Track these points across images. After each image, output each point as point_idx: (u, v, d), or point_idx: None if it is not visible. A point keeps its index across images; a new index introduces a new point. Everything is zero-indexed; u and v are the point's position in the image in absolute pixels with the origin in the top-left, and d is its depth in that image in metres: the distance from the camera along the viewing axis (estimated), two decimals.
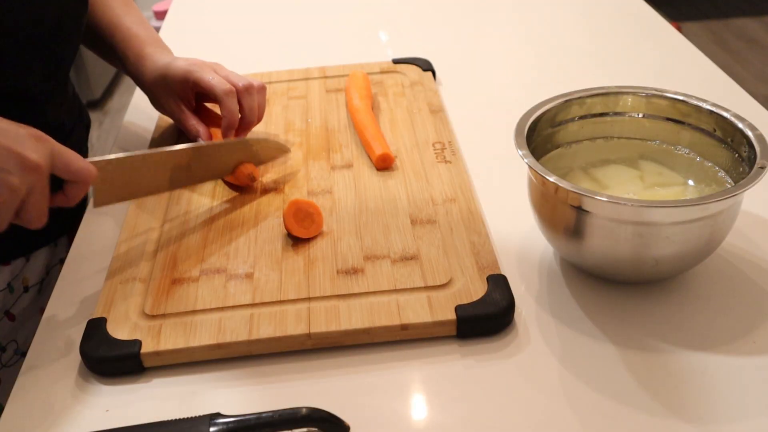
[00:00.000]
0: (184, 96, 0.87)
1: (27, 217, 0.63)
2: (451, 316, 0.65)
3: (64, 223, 0.92)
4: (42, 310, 0.87)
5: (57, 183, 0.66)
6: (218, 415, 0.57)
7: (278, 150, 0.88)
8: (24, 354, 0.86)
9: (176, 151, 0.78)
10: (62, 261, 0.92)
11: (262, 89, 0.86)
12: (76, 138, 0.95)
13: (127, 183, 0.75)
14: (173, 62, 0.87)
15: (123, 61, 0.92)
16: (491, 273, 0.69)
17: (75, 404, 0.63)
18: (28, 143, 0.61)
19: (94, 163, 0.70)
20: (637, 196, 0.72)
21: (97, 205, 0.74)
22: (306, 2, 1.43)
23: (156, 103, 0.91)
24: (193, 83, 0.85)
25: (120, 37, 0.92)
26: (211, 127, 0.88)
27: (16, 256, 0.86)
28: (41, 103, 0.85)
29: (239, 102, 0.84)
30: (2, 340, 0.86)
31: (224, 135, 0.84)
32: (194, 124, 0.87)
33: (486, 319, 0.65)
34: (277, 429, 0.57)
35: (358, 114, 0.94)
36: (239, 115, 0.84)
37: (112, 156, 0.72)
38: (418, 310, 0.66)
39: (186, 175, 0.81)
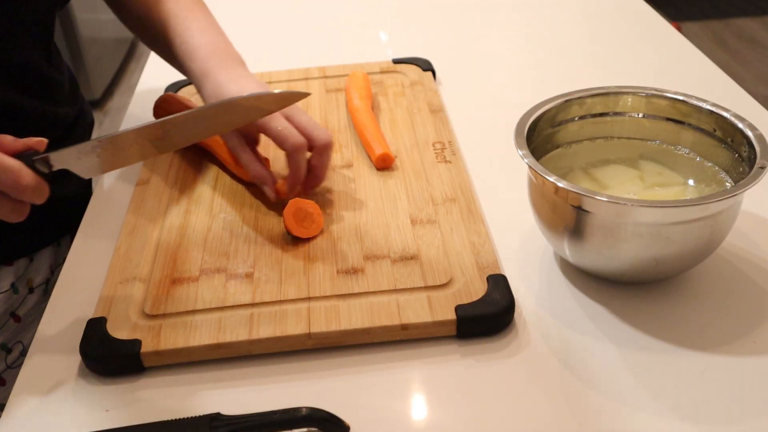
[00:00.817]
0: (247, 133, 0.79)
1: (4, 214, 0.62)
2: (451, 316, 0.65)
3: (66, 223, 0.92)
4: None
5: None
6: (218, 415, 0.58)
7: (292, 99, 0.72)
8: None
9: (146, 127, 0.68)
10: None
11: (330, 146, 0.78)
12: (78, 136, 0.94)
13: (106, 159, 0.68)
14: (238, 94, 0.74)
15: (187, 75, 0.85)
16: (491, 273, 0.69)
17: (75, 404, 0.63)
18: None
19: (60, 152, 0.64)
20: (637, 196, 0.72)
21: (85, 176, 0.68)
22: (306, 2, 1.43)
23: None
24: (259, 127, 0.76)
25: (179, 49, 0.84)
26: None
27: (19, 256, 0.86)
28: (49, 87, 0.85)
29: (309, 159, 0.77)
30: (8, 342, 0.86)
31: (290, 191, 0.78)
32: (259, 169, 0.78)
33: (486, 319, 0.65)
34: (277, 429, 0.57)
35: (358, 114, 0.94)
36: (304, 174, 0.77)
37: (82, 144, 0.66)
38: (418, 310, 0.66)
39: (170, 142, 0.70)
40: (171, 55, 0.87)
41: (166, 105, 0.94)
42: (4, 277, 0.85)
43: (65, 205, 0.91)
